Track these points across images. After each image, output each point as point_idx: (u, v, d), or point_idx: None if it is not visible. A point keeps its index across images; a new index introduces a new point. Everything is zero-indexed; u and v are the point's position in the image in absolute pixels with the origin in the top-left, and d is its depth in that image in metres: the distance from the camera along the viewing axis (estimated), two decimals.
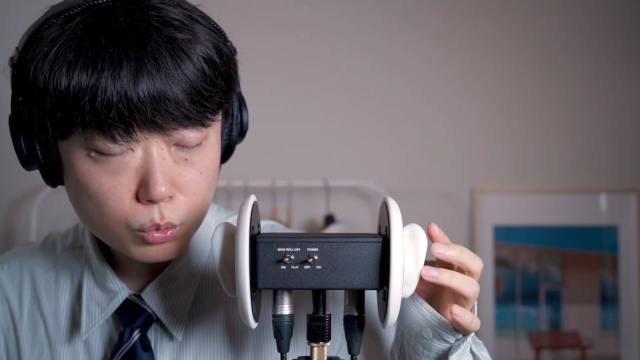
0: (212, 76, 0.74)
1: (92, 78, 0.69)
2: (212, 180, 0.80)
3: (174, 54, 0.71)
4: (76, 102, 0.70)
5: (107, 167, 0.74)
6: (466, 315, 0.72)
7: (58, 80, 0.70)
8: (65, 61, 0.70)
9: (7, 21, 2.12)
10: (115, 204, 0.75)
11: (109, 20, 0.72)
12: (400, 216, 0.70)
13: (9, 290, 0.93)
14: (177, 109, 0.71)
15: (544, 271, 2.29)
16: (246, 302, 0.68)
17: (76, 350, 0.89)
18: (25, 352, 0.90)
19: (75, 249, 0.94)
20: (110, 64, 0.69)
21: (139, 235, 0.77)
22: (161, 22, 0.72)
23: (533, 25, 2.32)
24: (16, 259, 0.96)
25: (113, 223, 0.76)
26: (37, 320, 0.91)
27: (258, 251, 0.69)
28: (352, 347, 0.74)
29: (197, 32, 0.74)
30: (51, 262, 0.94)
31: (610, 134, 2.34)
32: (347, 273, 0.70)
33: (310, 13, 2.26)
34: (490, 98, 2.31)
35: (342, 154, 2.25)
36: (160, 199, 0.74)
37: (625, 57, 2.34)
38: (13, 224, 2.16)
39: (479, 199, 2.27)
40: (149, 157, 0.74)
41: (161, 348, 0.87)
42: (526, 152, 2.31)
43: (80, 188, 0.76)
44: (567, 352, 2.28)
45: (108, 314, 0.87)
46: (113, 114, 0.70)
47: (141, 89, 0.70)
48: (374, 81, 2.26)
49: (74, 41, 0.71)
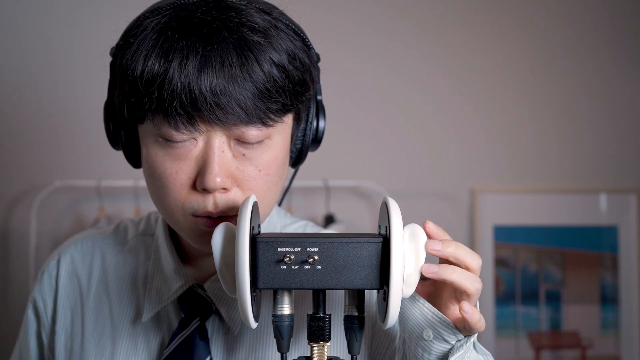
0: (278, 79, 0.76)
1: (162, 67, 0.74)
2: (273, 180, 0.83)
3: (241, 53, 0.74)
4: (147, 88, 0.75)
5: (171, 153, 0.78)
6: (475, 313, 0.72)
7: (135, 67, 0.76)
8: (144, 49, 0.76)
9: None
10: (175, 188, 0.79)
11: (187, 15, 0.76)
12: (401, 216, 0.70)
13: (80, 268, 0.98)
14: (237, 105, 0.74)
15: (543, 271, 2.29)
16: (246, 302, 0.68)
17: (136, 333, 0.92)
18: (88, 329, 0.94)
19: (146, 235, 0.99)
20: (179, 55, 0.74)
21: (193, 220, 0.80)
22: (237, 23, 0.76)
23: (533, 25, 2.32)
24: (89, 239, 1.01)
25: (172, 206, 0.80)
26: (102, 300, 0.95)
27: (258, 251, 0.69)
28: (352, 347, 0.74)
29: (274, 38, 0.77)
30: (122, 245, 0.99)
31: (610, 134, 2.34)
32: (347, 273, 0.70)
33: (310, 13, 2.25)
34: (490, 98, 2.31)
35: (342, 154, 2.25)
36: (214, 189, 0.77)
37: (625, 57, 2.34)
38: (13, 224, 2.16)
39: (479, 199, 2.27)
40: (208, 148, 0.77)
41: (217, 339, 0.89)
42: (526, 152, 2.31)
43: (149, 170, 0.81)
44: (567, 352, 2.28)
45: (170, 300, 0.91)
46: (176, 103, 0.74)
47: (203, 83, 0.73)
48: (374, 81, 2.26)
49: (155, 33, 0.76)
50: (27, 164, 2.15)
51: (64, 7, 2.15)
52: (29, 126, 2.12)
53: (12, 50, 2.15)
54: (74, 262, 0.99)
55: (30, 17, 2.16)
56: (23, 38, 2.15)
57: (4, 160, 2.16)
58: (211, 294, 0.89)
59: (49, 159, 2.15)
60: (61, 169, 2.15)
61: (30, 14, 2.16)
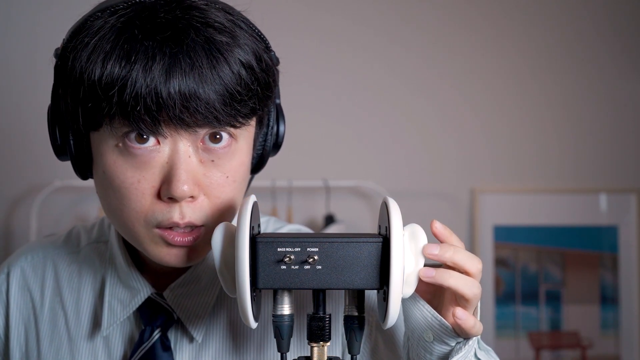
0: (247, 81, 0.74)
1: (124, 69, 0.69)
2: (239, 186, 0.79)
3: (210, 54, 0.71)
4: (106, 92, 0.70)
5: (132, 161, 0.74)
6: (469, 319, 0.71)
7: (93, 70, 0.71)
8: (102, 52, 0.71)
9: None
10: (137, 198, 0.74)
11: (149, 15, 0.72)
12: (401, 216, 0.70)
13: (31, 281, 0.93)
14: (206, 109, 0.71)
15: (544, 271, 2.29)
16: (246, 302, 0.68)
17: (96, 347, 0.88)
18: (44, 344, 0.90)
19: (100, 243, 0.94)
20: (143, 57, 0.69)
21: (158, 234, 0.76)
22: (202, 22, 0.72)
23: (533, 25, 2.32)
24: (40, 250, 0.95)
25: (132, 219, 0.76)
26: (57, 313, 0.91)
27: (258, 251, 0.69)
28: (352, 347, 0.74)
29: (238, 36, 0.74)
30: (75, 255, 0.94)
31: (610, 134, 2.34)
32: (347, 273, 0.70)
33: (310, 13, 2.26)
34: (490, 98, 2.30)
35: (342, 154, 2.25)
36: (182, 197, 0.73)
37: (625, 57, 2.34)
38: (13, 224, 2.16)
39: (479, 199, 2.27)
40: (174, 153, 0.73)
41: (181, 349, 0.86)
42: (526, 152, 2.31)
43: (105, 180, 0.76)
44: (567, 352, 2.28)
45: (129, 312, 0.87)
46: (140, 107, 0.69)
47: (172, 85, 0.69)
48: (374, 81, 2.26)
49: (113, 33, 0.72)
50: (27, 164, 2.15)
51: (69, 6, 2.15)
52: (29, 126, 2.12)
53: (12, 50, 2.15)
54: (24, 275, 0.93)
55: (31, 16, 2.16)
56: (24, 38, 2.15)
57: (4, 160, 2.16)
58: (171, 302, 0.86)
59: (49, 159, 2.15)
60: (61, 169, 2.14)
61: (31, 14, 2.16)
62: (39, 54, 2.15)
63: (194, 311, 0.86)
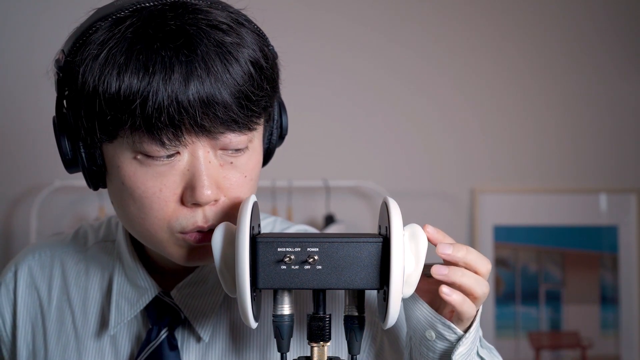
0: (259, 80, 0.74)
1: (143, 82, 0.69)
2: (255, 183, 0.80)
3: (223, 57, 0.71)
4: (127, 105, 0.70)
5: (153, 170, 0.74)
6: (453, 293, 0.71)
7: (108, 83, 0.70)
8: (115, 64, 0.70)
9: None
10: (160, 207, 0.75)
11: (160, 23, 0.71)
12: (401, 216, 0.70)
13: (39, 279, 0.93)
14: (225, 112, 0.71)
15: (544, 271, 2.29)
16: (246, 302, 0.68)
17: (103, 345, 0.89)
18: (51, 343, 0.90)
19: (107, 242, 0.94)
20: (161, 67, 0.69)
21: (180, 238, 0.76)
22: (210, 25, 0.72)
23: (533, 25, 2.32)
24: (48, 248, 0.96)
25: (155, 226, 0.76)
26: (65, 312, 0.91)
27: (258, 251, 0.69)
28: (352, 347, 0.74)
29: (244, 35, 0.74)
30: (82, 254, 0.94)
31: (610, 134, 2.34)
32: (347, 273, 0.70)
33: (310, 13, 2.26)
34: (490, 98, 2.30)
35: (342, 154, 2.25)
36: (206, 203, 0.74)
37: (625, 57, 2.34)
38: (13, 224, 2.16)
39: (479, 199, 2.27)
40: (195, 160, 0.74)
41: (187, 348, 0.86)
42: (526, 152, 2.31)
43: (125, 191, 0.76)
44: (567, 352, 2.28)
45: (137, 311, 0.87)
46: (164, 118, 0.69)
47: (191, 93, 0.69)
48: (374, 81, 2.26)
49: (124, 44, 0.71)
50: (27, 164, 2.15)
51: (69, 7, 2.15)
52: (29, 126, 2.12)
53: (12, 50, 2.15)
54: (32, 273, 0.94)
55: (31, 16, 2.16)
56: (23, 38, 2.15)
57: (4, 160, 2.16)
58: (179, 301, 0.86)
59: (49, 159, 2.15)
60: (61, 169, 2.14)
61: (30, 13, 2.16)
62: (38, 54, 2.15)
63: (201, 311, 0.86)
